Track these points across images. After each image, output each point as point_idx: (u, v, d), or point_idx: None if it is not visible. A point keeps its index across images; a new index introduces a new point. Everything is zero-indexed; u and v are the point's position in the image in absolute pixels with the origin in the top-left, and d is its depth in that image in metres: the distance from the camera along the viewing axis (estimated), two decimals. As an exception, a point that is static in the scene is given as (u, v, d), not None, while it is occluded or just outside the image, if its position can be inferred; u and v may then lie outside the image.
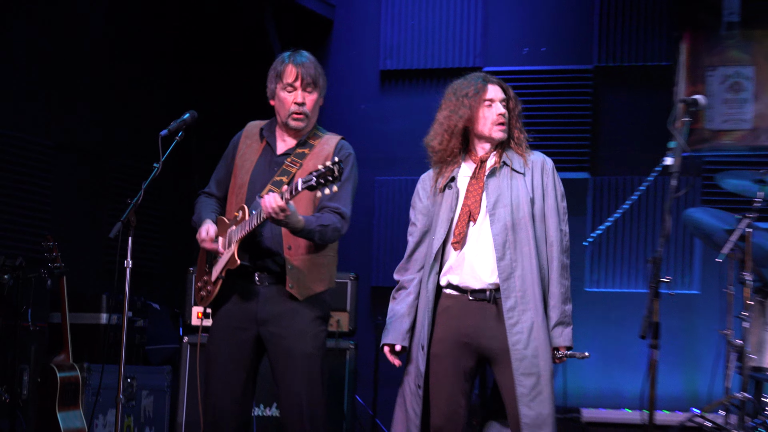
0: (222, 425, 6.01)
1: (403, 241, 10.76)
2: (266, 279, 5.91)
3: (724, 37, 10.14)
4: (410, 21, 10.90)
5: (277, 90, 6.00)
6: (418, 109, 10.86)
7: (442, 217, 5.99)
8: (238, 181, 6.11)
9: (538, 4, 10.71)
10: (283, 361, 5.91)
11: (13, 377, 7.81)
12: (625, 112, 10.39)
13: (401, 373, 10.40)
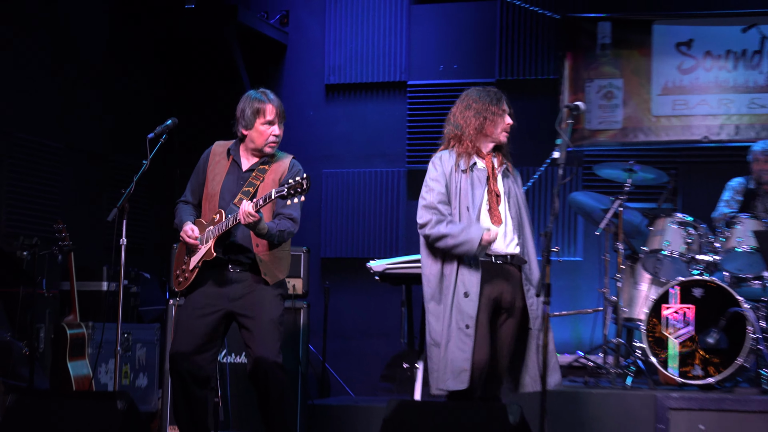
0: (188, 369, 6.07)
1: (344, 222, 10.84)
2: (238, 268, 6.11)
3: (599, 55, 10.22)
4: (349, 44, 10.88)
5: (257, 124, 6.14)
6: (356, 116, 10.94)
7: (476, 194, 5.93)
8: (209, 191, 6.26)
9: (450, 29, 10.71)
10: (252, 327, 6.09)
11: (31, 334, 7.77)
12: (522, 116, 10.30)
13: (345, 327, 10.45)
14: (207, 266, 6.07)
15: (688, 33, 10.07)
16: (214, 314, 6.09)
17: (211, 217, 6.12)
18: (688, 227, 8.23)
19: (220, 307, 6.09)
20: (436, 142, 10.72)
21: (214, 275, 6.12)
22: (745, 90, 9.93)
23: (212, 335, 6.11)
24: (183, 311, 6.22)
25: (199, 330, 6.06)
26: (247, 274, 6.12)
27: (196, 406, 6.15)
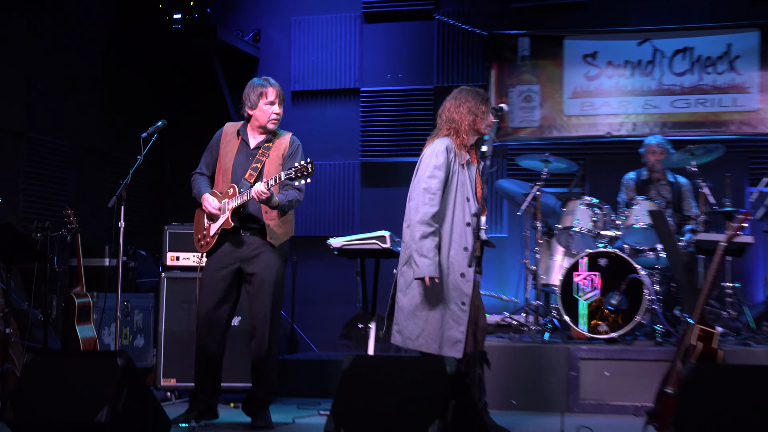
0: (211, 318, 6.31)
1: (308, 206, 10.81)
2: (248, 232, 6.30)
3: (519, 66, 10.22)
4: (311, 57, 10.84)
5: (260, 104, 6.35)
6: (317, 117, 10.90)
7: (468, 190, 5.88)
8: (223, 166, 6.42)
9: (396, 44, 10.69)
10: (257, 287, 6.30)
11: (45, 303, 7.70)
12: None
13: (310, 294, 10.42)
14: (224, 232, 6.27)
15: (593, 46, 10.10)
16: (229, 269, 6.31)
17: (225, 190, 6.31)
18: (595, 208, 8.27)
19: (234, 265, 6.31)
20: (385, 139, 10.82)
21: (229, 238, 6.30)
22: (640, 93, 9.98)
23: (228, 289, 6.34)
24: (206, 271, 6.40)
25: (219, 286, 6.31)
26: (257, 237, 6.29)
27: (218, 351, 6.37)
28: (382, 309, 9.16)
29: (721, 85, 9.81)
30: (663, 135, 9.28)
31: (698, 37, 9.88)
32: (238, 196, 6.18)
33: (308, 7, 10.92)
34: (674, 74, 9.92)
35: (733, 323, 8.08)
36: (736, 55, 9.77)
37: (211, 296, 6.31)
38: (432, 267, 5.61)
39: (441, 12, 10.52)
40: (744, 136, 9.73)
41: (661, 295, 8.08)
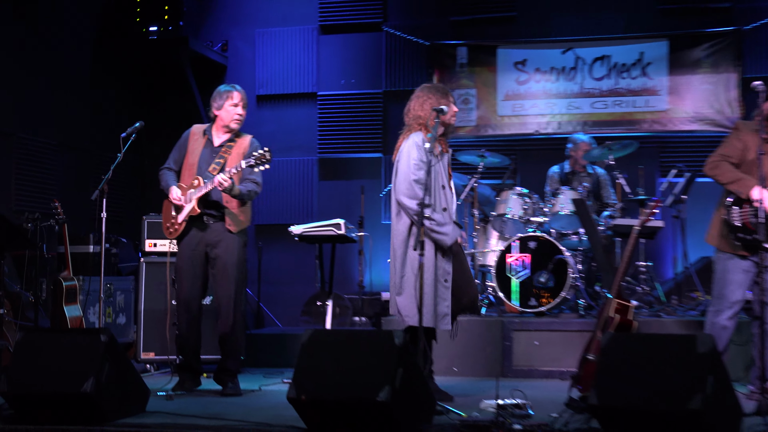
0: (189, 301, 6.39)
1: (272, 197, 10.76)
2: (212, 220, 6.33)
3: (458, 72, 10.23)
4: (273, 65, 10.81)
5: (226, 105, 6.41)
6: (279, 118, 10.86)
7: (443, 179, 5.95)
8: (189, 161, 6.43)
9: (349, 53, 10.66)
10: (220, 269, 6.35)
11: (35, 286, 7.65)
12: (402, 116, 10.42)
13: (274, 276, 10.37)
14: (191, 219, 6.30)
15: (523, 55, 10.13)
16: (198, 253, 6.35)
17: (191, 182, 6.31)
18: (525, 197, 8.30)
19: (202, 251, 6.35)
20: (340, 138, 10.78)
21: (195, 225, 6.33)
22: (564, 96, 10.03)
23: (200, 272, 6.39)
24: (179, 258, 6.42)
25: (192, 271, 6.36)
26: (220, 223, 6.31)
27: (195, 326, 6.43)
28: (338, 289, 9.18)
29: (634, 88, 9.89)
30: (584, 132, 9.34)
31: (614, 46, 9.95)
32: (203, 186, 6.21)
33: (270, 20, 10.87)
34: (594, 79, 9.98)
35: (646, 297, 8.15)
36: (647, 62, 9.85)
37: (187, 281, 6.37)
38: (453, 228, 5.82)
39: (388, 24, 10.50)
40: (655, 133, 9.82)
41: (583, 273, 8.14)
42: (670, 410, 4.12)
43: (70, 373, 4.92)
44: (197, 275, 6.37)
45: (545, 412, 5.09)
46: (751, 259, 5.75)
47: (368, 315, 9.10)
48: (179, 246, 6.41)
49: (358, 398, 4.49)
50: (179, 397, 6.13)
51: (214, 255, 6.32)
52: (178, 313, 6.43)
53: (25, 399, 5.02)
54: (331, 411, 4.60)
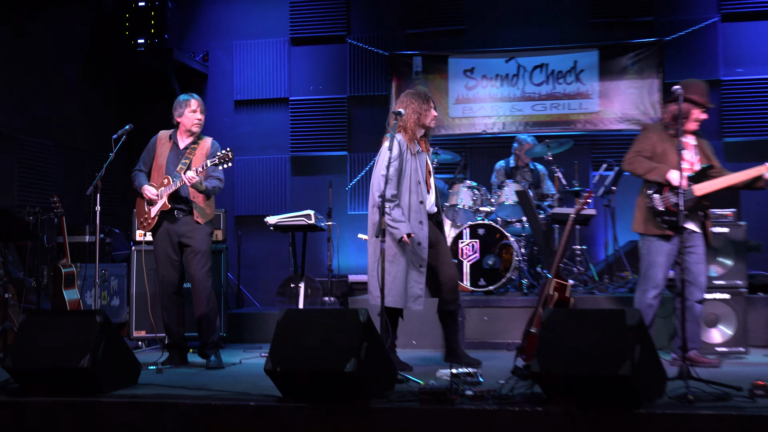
0: (168, 286, 6.44)
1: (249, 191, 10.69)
2: (181, 213, 6.34)
3: (414, 78, 10.20)
4: (249, 73, 10.75)
5: (186, 112, 6.41)
6: (255, 121, 10.82)
7: (421, 170, 5.95)
8: (158, 163, 6.43)
9: (316, 62, 10.62)
10: (192, 255, 6.39)
11: (37, 273, 7.60)
12: (365, 119, 10.41)
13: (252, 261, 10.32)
14: (163, 213, 6.33)
15: (471, 63, 10.14)
16: (172, 243, 6.38)
17: (161, 182, 6.33)
18: (474, 189, 8.32)
19: (175, 240, 6.37)
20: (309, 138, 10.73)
21: (167, 218, 6.35)
22: (508, 100, 10.06)
23: (176, 257, 6.41)
24: (156, 248, 6.43)
25: (171, 256, 6.39)
26: (189, 216, 6.34)
27: (178, 308, 6.47)
28: (309, 272, 9.16)
29: (569, 92, 9.93)
30: (525, 132, 9.39)
31: (552, 55, 9.99)
32: (172, 184, 6.25)
33: (246, 33, 10.81)
34: (534, 84, 10.02)
35: (581, 277, 8.21)
36: (581, 69, 9.90)
37: (164, 268, 6.42)
38: (406, 225, 5.75)
39: (352, 37, 10.48)
40: (588, 132, 9.87)
41: (526, 256, 8.17)
42: (603, 375, 4.15)
43: (69, 350, 4.89)
44: (173, 262, 6.41)
45: (494, 379, 5.11)
46: (672, 242, 5.82)
47: (336, 295, 9.09)
48: (154, 237, 6.45)
49: (327, 369, 4.48)
50: (168, 371, 6.09)
51: (186, 243, 6.37)
52: (161, 298, 6.46)
53: (28, 374, 4.98)
54: (303, 381, 4.60)
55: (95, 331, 4.95)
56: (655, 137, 6.00)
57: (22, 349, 5.01)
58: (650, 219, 5.87)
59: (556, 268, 5.97)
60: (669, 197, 5.80)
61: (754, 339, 7.06)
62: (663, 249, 5.86)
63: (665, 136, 5.95)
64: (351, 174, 10.41)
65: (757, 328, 7.13)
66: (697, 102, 5.89)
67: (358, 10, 10.57)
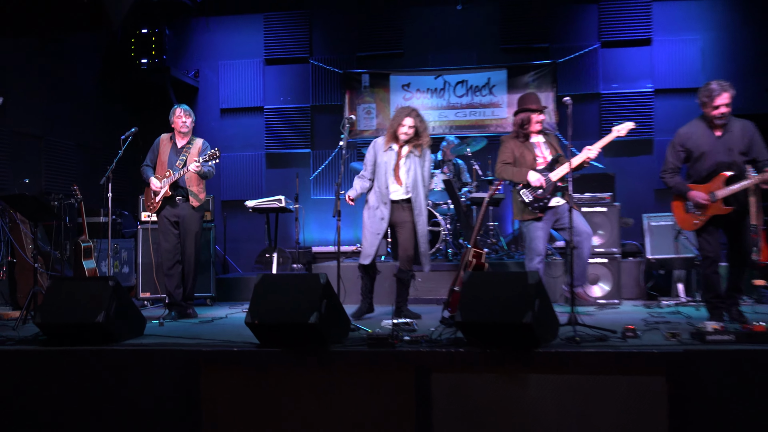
0: (169, 256, 6.45)
1: (233, 180, 10.55)
2: (180, 199, 6.38)
3: (363, 92, 10.14)
4: (232, 86, 10.60)
5: (175, 119, 6.46)
6: (237, 125, 10.67)
7: (389, 165, 5.98)
8: (162, 159, 6.46)
9: (286, 78, 10.50)
10: (185, 234, 6.42)
11: (61, 246, 7.46)
12: (324, 123, 10.34)
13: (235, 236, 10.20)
14: (165, 199, 6.39)
15: (407, 80, 10.12)
16: (172, 223, 6.42)
17: (164, 174, 6.37)
18: (410, 179, 8.32)
19: (174, 220, 6.40)
20: (280, 139, 10.61)
21: (169, 203, 6.40)
22: (436, 108, 10.06)
23: (175, 234, 6.43)
24: (160, 224, 6.45)
25: (171, 231, 6.43)
26: (186, 202, 6.39)
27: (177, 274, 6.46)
28: (281, 245, 9.10)
29: (484, 103, 9.97)
30: (451, 134, 9.40)
31: (471, 73, 10.01)
32: (173, 176, 6.32)
33: (230, 55, 10.65)
34: (456, 96, 10.03)
35: (494, 247, 8.28)
36: (493, 84, 9.94)
37: (166, 242, 6.43)
38: (352, 190, 6.10)
39: (314, 58, 10.39)
40: (498, 134, 9.91)
41: (451, 231, 8.21)
42: (511, 323, 4.19)
43: (87, 309, 4.82)
44: (172, 238, 6.41)
45: (426, 327, 5.14)
46: (544, 220, 5.86)
47: (302, 263, 9.05)
48: (158, 217, 6.46)
49: (295, 321, 4.46)
50: (168, 324, 6.02)
51: (182, 224, 6.40)
52: (164, 266, 6.46)
53: (54, 328, 4.88)
54: (276, 331, 4.57)
55: (108, 293, 4.88)
56: (512, 144, 5.99)
57: (49, 308, 4.91)
58: (523, 208, 5.90)
59: (474, 239, 6.00)
60: (534, 190, 5.86)
61: (626, 293, 7.19)
62: (538, 226, 5.92)
63: (518, 142, 5.96)
64: (314, 167, 10.35)
65: (627, 284, 7.26)
66: (532, 108, 5.94)
67: (318, 38, 10.48)
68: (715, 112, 5.15)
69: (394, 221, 6.07)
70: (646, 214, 7.26)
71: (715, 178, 5.18)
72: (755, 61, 9.38)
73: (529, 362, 4.21)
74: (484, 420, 4.25)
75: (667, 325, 5.07)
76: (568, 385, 4.18)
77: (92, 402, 4.64)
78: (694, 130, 5.30)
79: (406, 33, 10.26)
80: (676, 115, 9.29)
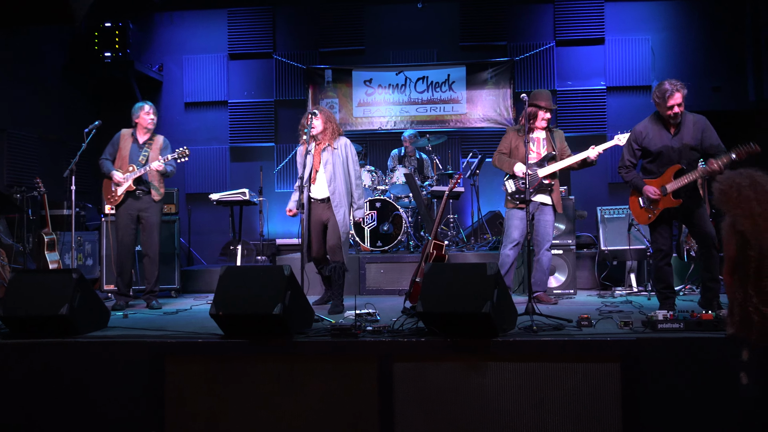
0: (124, 252, 6.42)
1: (197, 173, 10.39)
2: (142, 193, 6.35)
3: (326, 87, 10.06)
4: (197, 80, 10.43)
5: (141, 114, 6.41)
6: (202, 119, 10.50)
7: (307, 167, 5.91)
8: (122, 154, 6.41)
9: (250, 73, 10.38)
10: (147, 227, 6.39)
11: (23, 239, 7.28)
12: (288, 117, 10.24)
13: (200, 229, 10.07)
14: (128, 193, 6.38)
15: (369, 75, 10.07)
16: (132, 217, 6.41)
17: (126, 168, 6.34)
18: (373, 172, 8.31)
19: (135, 214, 6.40)
20: (244, 132, 10.50)
21: (131, 196, 6.39)
22: (398, 104, 10.03)
23: (134, 228, 6.45)
24: (119, 217, 6.42)
25: (130, 226, 6.42)
26: (147, 195, 6.39)
27: (129, 266, 6.49)
28: (245, 237, 9.01)
29: (444, 99, 9.98)
30: (412, 128, 9.39)
31: (431, 70, 10.00)
32: (136, 171, 6.32)
33: (194, 49, 10.47)
34: (417, 92, 10.02)
35: (454, 239, 8.31)
36: (452, 81, 9.94)
37: (125, 235, 6.41)
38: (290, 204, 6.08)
39: (277, 54, 10.28)
40: (458, 129, 9.95)
41: (412, 223, 8.22)
42: (470, 313, 4.20)
43: (50, 301, 4.71)
44: (131, 231, 6.42)
45: (388, 317, 5.12)
46: (524, 211, 5.97)
47: (267, 255, 8.95)
48: (118, 211, 6.43)
49: (259, 312, 4.41)
50: (132, 316, 5.91)
51: (144, 217, 6.39)
52: (118, 258, 6.46)
53: (17, 321, 4.75)
54: (240, 322, 4.51)
55: (72, 285, 4.78)
56: (512, 136, 6.20)
57: (12, 301, 4.79)
58: (509, 197, 6.08)
59: (434, 232, 6.01)
60: (518, 181, 5.97)
61: (581, 283, 7.28)
62: (517, 215, 6.05)
63: (518, 135, 6.15)
64: (277, 160, 10.26)
65: (582, 275, 7.35)
66: (541, 106, 6.03)
67: (281, 33, 10.37)
68: (668, 112, 5.21)
69: (316, 219, 6.00)
70: (600, 207, 7.34)
71: (666, 172, 5.25)
72: (703, 61, 9.55)
73: (487, 351, 4.23)
74: (444, 407, 4.25)
75: (620, 314, 5.13)
76: (526, 372, 4.20)
77: (55, 395, 4.53)
78: (650, 128, 5.34)
79: (368, 30, 10.21)
80: (627, 112, 9.43)
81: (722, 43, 9.49)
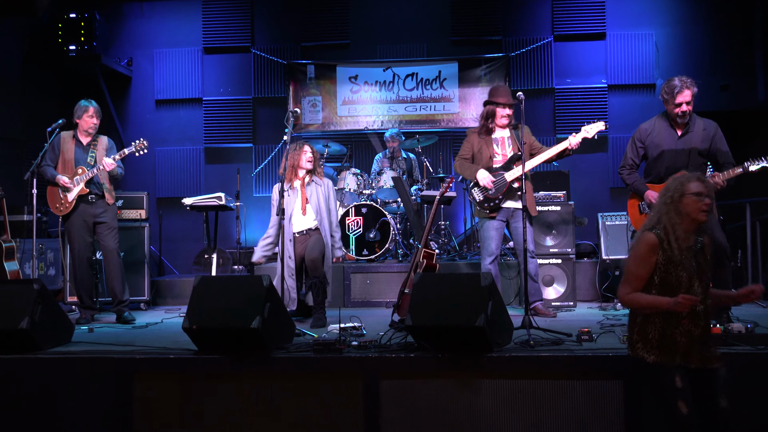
0: (83, 267, 6.41)
1: (169, 176, 10.36)
2: (95, 197, 6.37)
3: (308, 84, 10.06)
4: (168, 76, 10.39)
5: (84, 116, 6.46)
6: (173, 117, 10.48)
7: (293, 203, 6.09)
8: (66, 158, 6.44)
9: (226, 68, 10.36)
10: (103, 231, 6.43)
11: (-20, 247, 7.23)
12: (267, 116, 10.20)
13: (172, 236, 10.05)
14: (80, 198, 6.35)
15: (355, 72, 10.08)
16: (87, 224, 6.39)
17: (74, 172, 6.34)
18: (358, 175, 8.31)
19: (90, 219, 6.38)
20: (220, 132, 10.49)
21: (83, 201, 6.36)
22: (385, 102, 10.05)
23: (90, 236, 6.43)
24: (73, 226, 6.38)
25: (85, 234, 6.40)
26: (101, 199, 6.41)
27: (90, 278, 6.49)
28: (221, 245, 8.99)
29: (435, 97, 10.00)
30: (400, 129, 9.42)
31: (421, 66, 10.03)
32: (87, 172, 6.32)
33: (166, 42, 10.44)
34: (406, 90, 10.04)
35: (445, 247, 8.32)
36: (444, 78, 9.97)
37: (82, 244, 6.41)
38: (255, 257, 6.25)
39: (255, 48, 10.26)
40: (449, 129, 9.98)
41: (401, 230, 8.22)
42: (462, 326, 4.20)
43: (10, 314, 4.68)
44: (87, 242, 6.42)
45: (375, 331, 5.12)
46: (498, 219, 5.99)
47: (244, 264, 8.94)
48: (70, 218, 6.39)
49: (236, 326, 4.40)
50: (98, 330, 5.88)
51: (100, 221, 6.40)
52: (77, 270, 6.44)
53: (-28, 336, 4.71)
54: (215, 336, 4.50)
55: (33, 297, 4.75)
56: (474, 138, 6.16)
57: (-33, 314, 4.74)
58: (477, 207, 6.05)
59: (425, 239, 6.02)
60: (484, 189, 6.05)
61: (581, 295, 7.30)
62: (492, 225, 6.06)
63: (479, 137, 6.12)
64: (256, 162, 10.24)
65: (582, 286, 7.37)
66: (499, 102, 6.02)
67: (260, 26, 10.36)
68: (676, 110, 5.22)
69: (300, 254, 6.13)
70: (602, 213, 7.37)
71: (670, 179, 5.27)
72: (709, 58, 9.61)
73: (481, 367, 4.23)
74: (435, 428, 4.25)
75: (622, 328, 5.16)
76: (522, 390, 4.21)
77: (14, 415, 4.49)
78: (656, 126, 5.37)
79: (353, 23, 10.22)
80: (630, 112, 9.47)
81: (730, 39, 9.56)
